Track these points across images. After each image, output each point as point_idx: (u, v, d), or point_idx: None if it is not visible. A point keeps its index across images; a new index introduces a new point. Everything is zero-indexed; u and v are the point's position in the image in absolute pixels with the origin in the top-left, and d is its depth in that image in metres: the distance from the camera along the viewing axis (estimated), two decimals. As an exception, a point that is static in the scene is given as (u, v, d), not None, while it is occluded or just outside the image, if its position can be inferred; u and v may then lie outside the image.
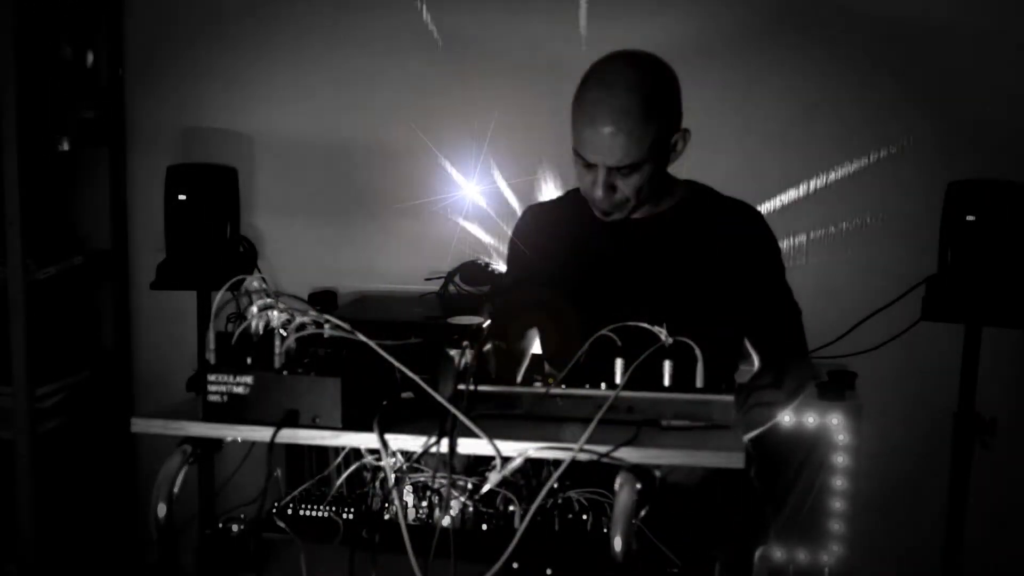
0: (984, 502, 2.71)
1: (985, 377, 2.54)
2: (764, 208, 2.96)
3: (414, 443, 1.43)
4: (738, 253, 2.00)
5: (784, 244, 2.97)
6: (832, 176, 2.94)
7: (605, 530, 1.42)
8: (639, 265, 2.02)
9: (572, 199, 2.13)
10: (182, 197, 2.85)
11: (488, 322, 1.61)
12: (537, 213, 2.20)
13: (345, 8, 3.13)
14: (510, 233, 2.19)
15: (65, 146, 3.01)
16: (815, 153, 2.93)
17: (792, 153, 2.95)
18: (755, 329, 2.03)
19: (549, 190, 2.99)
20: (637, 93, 1.88)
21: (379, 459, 1.48)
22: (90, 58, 3.18)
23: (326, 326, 1.46)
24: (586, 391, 1.51)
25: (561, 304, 1.95)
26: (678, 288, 1.98)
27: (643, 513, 1.39)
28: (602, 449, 1.38)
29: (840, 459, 2.68)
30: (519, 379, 1.89)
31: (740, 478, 1.93)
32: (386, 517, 1.52)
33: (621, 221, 2.02)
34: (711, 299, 1.97)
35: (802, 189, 2.95)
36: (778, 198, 2.97)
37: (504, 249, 3.10)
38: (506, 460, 1.41)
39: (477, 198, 3.09)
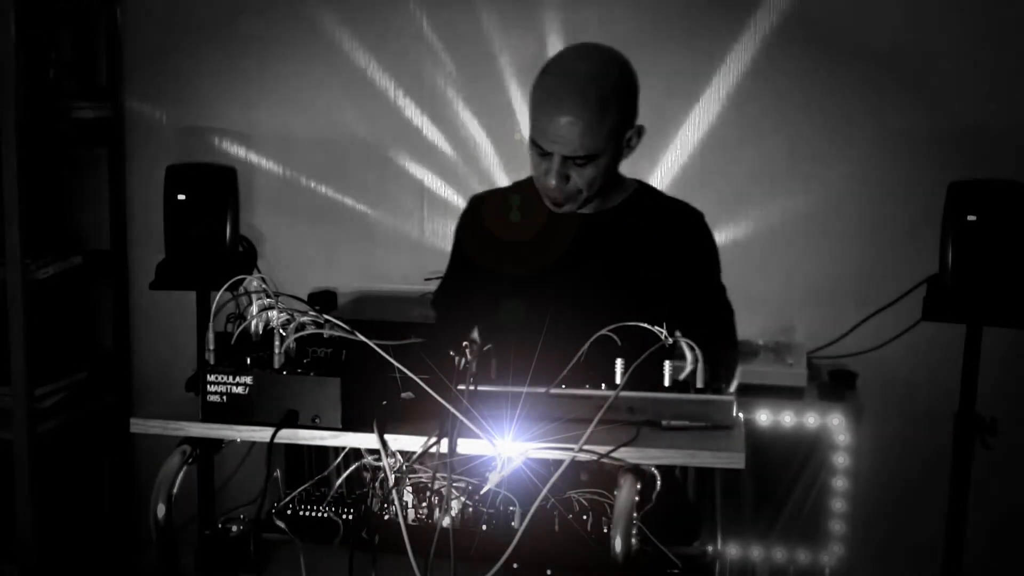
0: (984, 502, 2.71)
1: (986, 377, 2.54)
2: (763, 207, 2.96)
3: (414, 443, 1.43)
4: (677, 251, 2.03)
5: (784, 244, 2.97)
6: (832, 176, 2.93)
7: (605, 530, 1.42)
8: (586, 259, 2.03)
9: (521, 188, 2.14)
10: (181, 197, 2.84)
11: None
12: (483, 202, 2.20)
13: (345, 8, 3.13)
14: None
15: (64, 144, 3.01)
16: (814, 153, 2.93)
17: (791, 153, 2.94)
18: (688, 325, 2.02)
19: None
20: (596, 84, 1.91)
21: (379, 459, 1.48)
22: (89, 58, 3.18)
23: (326, 326, 1.46)
24: (586, 391, 1.50)
25: (503, 298, 1.96)
26: (620, 283, 2.00)
27: (643, 513, 1.39)
28: (602, 449, 1.38)
29: (840, 459, 2.68)
30: None
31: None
32: (386, 517, 1.52)
33: (571, 214, 2.04)
34: (649, 294, 1.98)
35: (802, 189, 2.94)
36: (777, 198, 2.96)
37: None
38: (506, 460, 1.41)
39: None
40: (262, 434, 1.44)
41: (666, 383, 1.50)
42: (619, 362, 1.50)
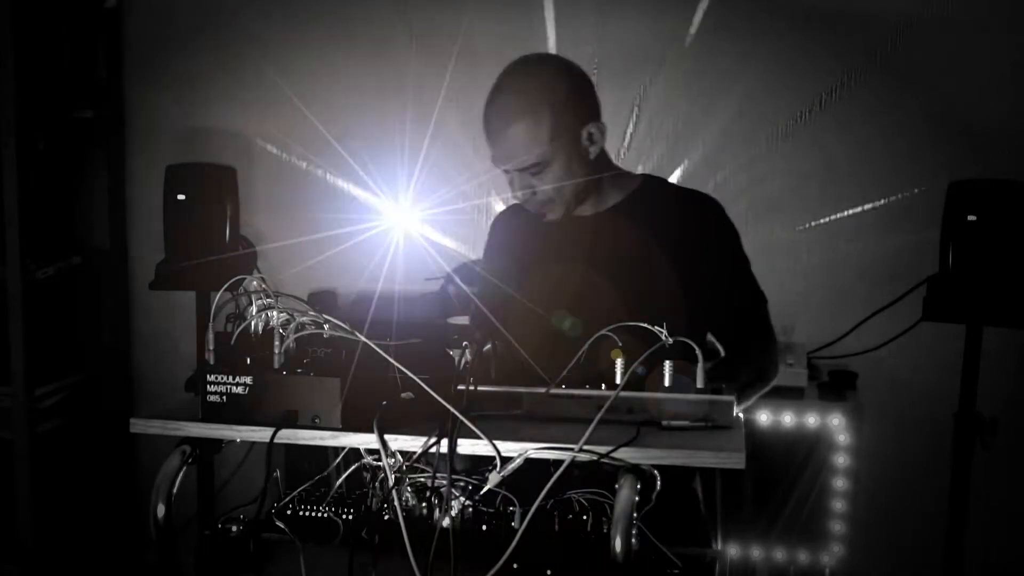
0: (984, 502, 2.71)
1: (986, 377, 2.54)
2: (762, 207, 2.96)
3: (414, 443, 1.43)
4: (696, 243, 1.97)
5: (785, 244, 2.96)
6: (832, 176, 2.93)
7: (605, 530, 1.42)
8: (589, 262, 1.99)
9: None
10: (181, 197, 2.84)
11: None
12: (505, 215, 2.22)
13: (345, 8, 3.13)
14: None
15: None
16: (815, 153, 2.93)
17: (792, 153, 2.94)
18: (719, 320, 1.97)
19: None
20: (523, 94, 1.92)
21: (378, 459, 1.48)
22: (89, 58, 3.18)
23: (326, 326, 1.46)
24: (586, 391, 1.50)
25: (518, 307, 1.96)
26: (634, 282, 1.94)
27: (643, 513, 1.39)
28: (602, 449, 1.38)
29: (841, 459, 2.68)
30: None
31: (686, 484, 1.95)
32: (386, 517, 1.52)
33: (568, 219, 2.01)
34: (669, 291, 1.92)
35: (802, 189, 2.94)
36: (777, 198, 2.96)
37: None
38: (506, 460, 1.41)
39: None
40: (262, 434, 1.44)
41: (666, 383, 1.50)
42: (619, 362, 1.50)
